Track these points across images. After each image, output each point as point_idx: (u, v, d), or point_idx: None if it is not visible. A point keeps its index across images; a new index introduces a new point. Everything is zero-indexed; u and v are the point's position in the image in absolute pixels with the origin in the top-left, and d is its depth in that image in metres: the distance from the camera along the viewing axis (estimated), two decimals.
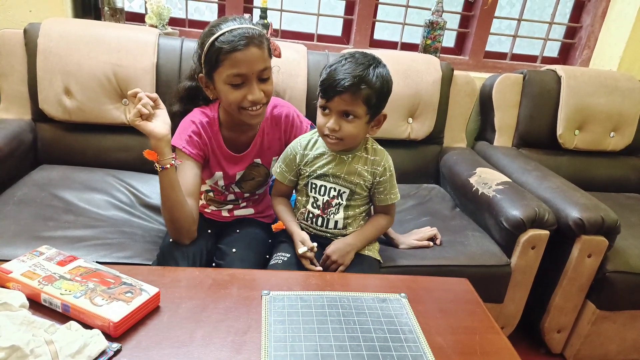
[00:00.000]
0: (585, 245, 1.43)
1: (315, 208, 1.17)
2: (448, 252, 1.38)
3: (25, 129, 1.57)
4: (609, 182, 2.03)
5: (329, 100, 1.03)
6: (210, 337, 0.77)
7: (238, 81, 1.04)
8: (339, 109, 1.03)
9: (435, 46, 2.06)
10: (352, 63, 1.02)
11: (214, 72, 1.05)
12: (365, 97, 1.02)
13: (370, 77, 1.02)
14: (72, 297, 0.76)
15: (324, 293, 0.90)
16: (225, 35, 1.01)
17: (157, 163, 1.01)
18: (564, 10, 2.32)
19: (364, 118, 1.06)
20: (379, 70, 1.04)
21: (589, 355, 1.62)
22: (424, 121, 1.84)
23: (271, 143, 1.23)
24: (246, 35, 1.01)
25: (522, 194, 1.48)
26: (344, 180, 1.13)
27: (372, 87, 1.02)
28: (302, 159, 1.16)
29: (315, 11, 2.09)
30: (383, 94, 1.06)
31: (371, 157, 1.14)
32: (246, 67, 1.03)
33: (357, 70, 1.01)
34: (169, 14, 1.82)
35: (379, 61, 1.06)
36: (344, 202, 1.15)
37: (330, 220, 1.17)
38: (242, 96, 1.06)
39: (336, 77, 1.01)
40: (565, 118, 1.92)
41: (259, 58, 1.04)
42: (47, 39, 1.52)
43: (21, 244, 1.14)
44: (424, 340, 0.81)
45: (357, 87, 1.01)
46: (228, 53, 1.01)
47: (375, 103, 1.05)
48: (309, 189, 1.16)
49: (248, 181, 1.24)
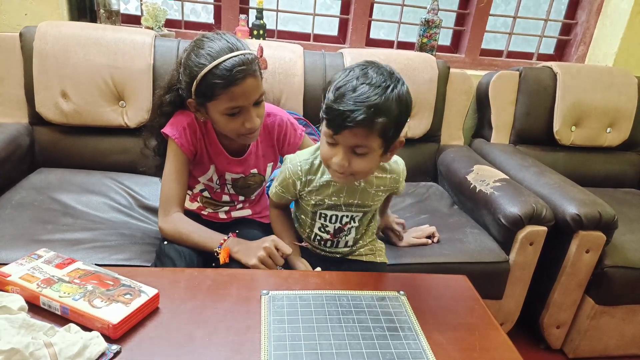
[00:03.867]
0: (583, 240, 1.43)
1: (324, 233, 1.09)
2: (446, 249, 1.38)
3: (23, 132, 1.57)
4: (606, 177, 2.03)
5: (336, 133, 0.85)
6: (209, 338, 0.77)
7: (235, 112, 1.01)
8: (349, 144, 0.86)
9: (432, 44, 2.06)
10: (365, 86, 0.82)
11: (208, 102, 1.01)
12: (382, 129, 0.84)
13: (388, 104, 0.83)
14: (71, 299, 0.76)
15: (323, 292, 0.90)
16: (219, 67, 0.96)
17: (220, 255, 1.05)
18: (559, 7, 2.32)
19: (378, 151, 0.89)
20: (398, 92, 0.85)
21: (589, 350, 1.62)
22: (421, 119, 1.84)
23: (265, 151, 1.22)
24: (242, 68, 0.96)
25: (520, 191, 1.49)
26: (357, 207, 1.04)
27: (391, 117, 0.84)
28: (305, 185, 1.03)
29: (311, 11, 2.09)
30: (402, 121, 0.88)
31: (389, 176, 1.04)
32: (244, 100, 1.00)
33: (373, 98, 0.82)
34: (165, 15, 1.82)
35: (397, 79, 0.87)
36: (357, 223, 1.08)
37: (340, 242, 1.11)
38: (240, 124, 1.03)
39: (346, 107, 0.82)
40: (562, 114, 1.92)
41: (255, 88, 1.01)
42: (43, 42, 1.52)
43: (19, 247, 1.14)
44: (423, 337, 0.81)
45: (372, 120, 0.82)
46: (224, 88, 0.97)
47: (394, 133, 0.88)
48: (317, 216, 1.07)
49: (244, 188, 1.24)
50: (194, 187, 1.24)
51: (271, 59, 1.67)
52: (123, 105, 1.61)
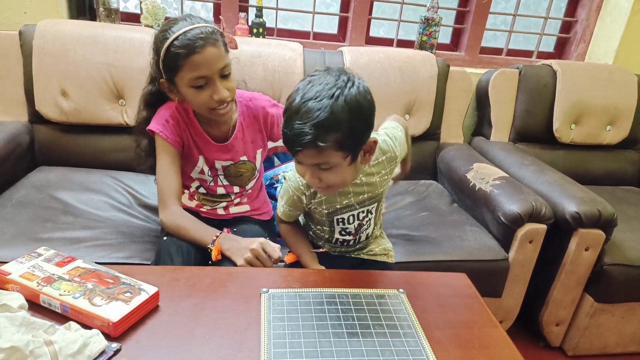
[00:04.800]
0: (583, 238, 1.43)
1: (345, 235, 1.08)
2: (446, 247, 1.39)
3: (22, 131, 1.57)
4: (606, 175, 2.03)
5: (294, 155, 0.85)
6: (209, 336, 0.77)
7: (201, 83, 1.04)
8: (309, 163, 0.85)
9: (431, 42, 2.06)
10: (308, 103, 0.79)
11: (175, 77, 1.05)
12: (335, 144, 0.81)
13: (334, 117, 0.78)
14: (71, 297, 0.77)
15: (323, 290, 0.91)
16: (180, 39, 1.00)
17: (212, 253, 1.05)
18: (559, 4, 2.32)
19: (344, 162, 0.85)
20: (346, 98, 0.79)
21: (588, 348, 1.63)
22: (421, 117, 1.84)
23: (253, 136, 1.23)
24: (201, 37, 1.00)
25: (519, 189, 1.49)
26: (369, 198, 1.02)
27: (341, 129, 0.80)
28: (311, 198, 1.01)
29: (310, 9, 2.09)
30: (358, 128, 0.83)
31: (382, 158, 1.00)
32: (206, 69, 1.02)
33: (317, 115, 0.78)
34: (164, 13, 1.82)
35: (346, 80, 0.82)
36: (374, 213, 1.07)
37: (362, 236, 1.10)
38: (208, 97, 1.05)
39: (293, 131, 0.80)
40: (562, 112, 1.92)
41: (217, 57, 1.03)
42: (42, 40, 1.52)
43: (20, 246, 1.14)
44: (423, 335, 0.81)
45: (322, 138, 0.79)
46: (186, 57, 1.00)
47: (352, 143, 0.83)
48: (335, 223, 1.05)
49: (237, 177, 1.25)
50: (190, 186, 1.26)
51: (271, 57, 1.67)
52: (123, 104, 1.61)
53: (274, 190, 1.46)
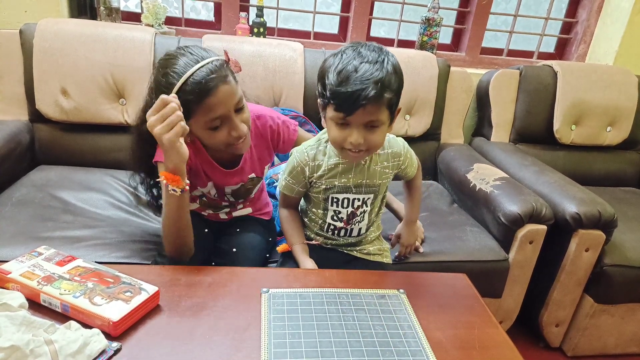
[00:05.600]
0: (583, 239, 1.43)
1: (337, 221, 1.09)
2: (446, 247, 1.38)
3: (23, 129, 1.57)
4: (606, 176, 2.03)
5: (349, 114, 0.88)
6: (210, 335, 0.77)
7: (217, 124, 0.97)
8: (362, 121, 0.89)
9: (432, 43, 2.06)
10: (365, 64, 0.86)
11: (188, 122, 0.93)
12: (389, 101, 0.89)
13: (389, 77, 0.87)
14: (72, 297, 0.77)
15: (323, 290, 0.91)
16: (189, 82, 0.91)
17: (177, 186, 0.93)
18: (559, 5, 2.32)
19: (387, 122, 0.94)
20: (392, 63, 0.90)
21: (588, 349, 1.63)
22: (421, 118, 1.84)
23: (260, 154, 1.19)
24: (212, 77, 0.92)
25: (520, 189, 1.49)
26: (367, 186, 1.05)
27: (394, 88, 0.89)
28: (313, 170, 1.04)
29: (311, 9, 2.09)
30: (400, 90, 0.93)
31: (389, 150, 1.06)
32: (222, 108, 0.95)
33: (376, 74, 0.86)
34: (165, 13, 1.82)
35: (387, 52, 0.91)
36: (369, 207, 1.09)
37: (354, 229, 1.11)
38: (226, 135, 0.99)
39: (355, 88, 0.85)
40: (562, 113, 1.92)
41: (230, 94, 0.96)
42: (43, 39, 1.52)
43: (20, 245, 1.14)
44: (423, 335, 0.81)
45: (382, 94, 0.86)
46: (198, 102, 0.93)
47: (396, 103, 0.93)
48: (329, 203, 1.07)
49: (244, 192, 1.23)
50: (192, 192, 1.20)
51: (271, 57, 1.67)
52: (123, 103, 1.61)
53: (274, 189, 1.46)
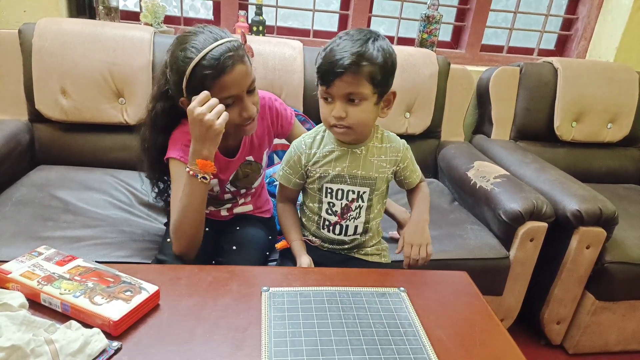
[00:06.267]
0: (584, 236, 1.43)
1: (331, 215, 1.08)
2: (447, 245, 1.38)
3: (22, 129, 1.57)
4: (607, 173, 2.03)
5: (329, 86, 0.93)
6: (210, 334, 0.77)
7: (229, 102, 0.98)
8: (342, 92, 0.93)
9: (432, 40, 2.06)
10: (347, 40, 0.93)
11: None
12: (369, 74, 0.92)
13: (370, 51, 0.91)
14: (72, 296, 0.76)
15: (324, 288, 0.90)
16: (207, 58, 0.93)
17: (210, 172, 0.98)
18: (560, 2, 2.31)
19: (372, 98, 0.95)
20: (379, 43, 0.94)
21: (589, 346, 1.63)
22: (422, 115, 1.83)
23: (260, 139, 1.20)
24: (229, 55, 0.94)
25: (520, 187, 1.48)
26: (362, 179, 1.04)
27: (375, 62, 0.92)
28: (309, 158, 1.06)
29: (310, 7, 2.09)
30: (387, 68, 0.95)
31: (387, 145, 1.06)
32: (237, 88, 0.98)
33: (355, 47, 0.91)
34: (164, 12, 1.81)
35: (377, 34, 0.96)
36: (365, 203, 1.06)
37: (349, 226, 1.09)
38: (237, 114, 1.01)
39: (333, 58, 0.91)
40: (563, 110, 1.92)
41: (246, 74, 0.98)
42: (42, 39, 1.52)
43: (20, 245, 1.14)
44: (424, 333, 0.81)
45: (358, 64, 0.90)
46: (215, 78, 0.94)
47: (382, 80, 0.94)
48: (324, 194, 1.07)
49: (242, 179, 1.23)
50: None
51: (271, 55, 1.66)
52: (123, 102, 1.60)
53: (274, 187, 1.46)
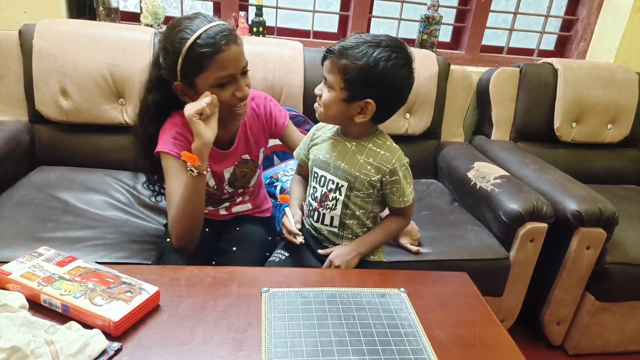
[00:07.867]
0: (584, 237, 1.43)
1: (313, 200, 1.12)
2: (447, 246, 1.38)
3: (22, 130, 1.57)
4: (607, 174, 2.03)
5: (322, 64, 1.01)
6: (210, 335, 0.77)
7: (225, 81, 1.01)
8: (324, 74, 1.01)
9: (432, 41, 2.06)
10: (356, 37, 0.97)
11: (197, 78, 0.99)
12: (342, 68, 0.95)
13: (357, 51, 0.94)
14: (72, 297, 0.77)
15: (324, 289, 0.90)
16: (202, 37, 0.96)
17: (195, 168, 0.98)
18: (559, 3, 2.31)
19: (339, 93, 0.98)
20: (375, 53, 0.93)
21: (589, 347, 1.63)
22: (422, 116, 1.84)
23: (256, 137, 1.22)
24: (224, 34, 0.97)
25: (520, 188, 1.48)
26: (343, 172, 1.05)
27: (353, 62, 0.94)
28: (313, 138, 1.14)
29: (311, 8, 2.09)
30: (364, 74, 0.94)
31: (382, 152, 1.04)
32: (234, 67, 1.00)
33: (349, 43, 0.95)
34: (164, 13, 1.81)
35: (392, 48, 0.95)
36: (342, 197, 1.06)
37: (325, 215, 1.10)
38: (230, 95, 1.03)
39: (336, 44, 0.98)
40: (563, 111, 1.92)
41: (240, 54, 1.02)
42: (42, 39, 1.52)
43: (20, 246, 1.14)
44: (424, 334, 0.81)
45: (338, 55, 0.96)
46: (212, 56, 0.96)
47: (354, 81, 0.95)
48: (312, 177, 1.12)
49: (240, 179, 1.24)
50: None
51: (271, 56, 1.66)
52: (123, 103, 1.60)
53: (274, 188, 1.46)
